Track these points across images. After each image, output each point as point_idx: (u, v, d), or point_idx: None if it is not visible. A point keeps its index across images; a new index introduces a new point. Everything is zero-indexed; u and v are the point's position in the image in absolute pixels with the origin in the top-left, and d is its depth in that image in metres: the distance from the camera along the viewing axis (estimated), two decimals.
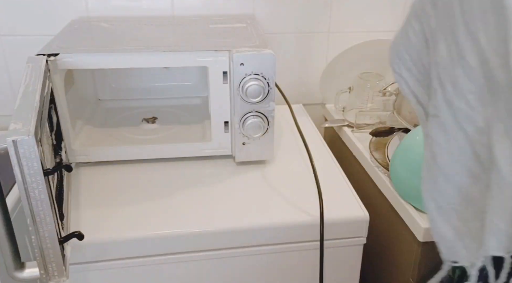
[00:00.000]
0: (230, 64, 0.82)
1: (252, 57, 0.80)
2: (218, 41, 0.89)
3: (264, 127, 0.86)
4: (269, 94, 0.83)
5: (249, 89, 0.81)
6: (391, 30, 1.20)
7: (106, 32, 0.96)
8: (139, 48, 0.82)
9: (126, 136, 0.96)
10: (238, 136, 0.87)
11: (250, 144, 0.88)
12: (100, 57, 0.81)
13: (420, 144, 0.81)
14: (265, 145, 0.89)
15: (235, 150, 0.89)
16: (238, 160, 0.90)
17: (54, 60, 0.80)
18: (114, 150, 0.89)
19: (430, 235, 0.78)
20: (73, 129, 0.91)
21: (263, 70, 0.81)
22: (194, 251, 0.76)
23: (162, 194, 0.83)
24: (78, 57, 0.80)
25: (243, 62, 0.80)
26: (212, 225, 0.75)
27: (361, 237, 0.80)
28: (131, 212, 0.78)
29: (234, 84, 0.82)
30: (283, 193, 0.84)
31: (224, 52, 0.82)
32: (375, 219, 0.97)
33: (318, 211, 0.76)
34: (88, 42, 0.89)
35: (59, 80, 0.81)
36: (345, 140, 1.11)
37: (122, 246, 0.73)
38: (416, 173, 0.80)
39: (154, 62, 0.82)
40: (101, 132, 0.98)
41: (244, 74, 0.81)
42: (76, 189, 0.84)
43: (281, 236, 0.77)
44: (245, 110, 0.85)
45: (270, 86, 0.83)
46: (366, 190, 0.99)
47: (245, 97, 0.83)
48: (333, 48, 1.21)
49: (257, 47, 0.83)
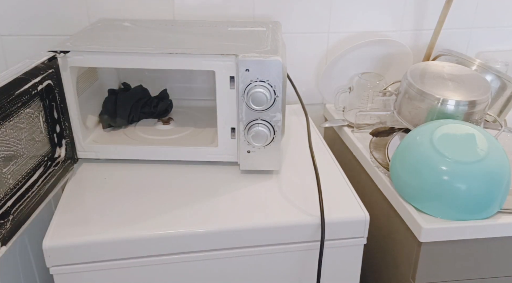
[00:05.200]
0: (237, 69, 0.81)
1: (258, 63, 0.79)
2: (227, 45, 0.87)
3: (269, 137, 0.84)
4: (275, 103, 0.81)
5: (254, 96, 0.80)
6: (391, 30, 1.20)
7: (124, 32, 0.96)
8: (144, 50, 0.82)
9: (139, 136, 0.97)
10: (243, 144, 0.86)
11: (255, 153, 0.86)
12: (107, 57, 0.82)
13: (420, 144, 0.81)
14: (270, 155, 0.87)
15: (240, 157, 0.88)
16: (243, 168, 0.88)
17: (64, 57, 0.81)
18: (122, 149, 0.90)
19: (430, 235, 0.78)
20: (85, 125, 0.92)
21: (270, 78, 0.80)
22: (193, 251, 0.76)
23: (163, 195, 0.83)
24: (87, 56, 0.81)
25: (248, 68, 0.79)
26: (211, 225, 0.75)
27: (361, 237, 0.80)
28: (130, 211, 0.78)
29: (239, 91, 0.81)
30: (283, 193, 0.84)
31: (231, 57, 0.81)
32: (375, 219, 0.97)
33: (318, 211, 0.76)
34: (100, 42, 0.88)
35: (69, 76, 0.83)
36: (345, 140, 1.11)
37: (117, 246, 0.73)
38: (416, 173, 0.80)
39: (159, 64, 0.82)
40: (116, 131, 0.99)
41: (250, 80, 0.80)
42: (81, 185, 0.85)
43: (281, 237, 0.77)
44: (250, 118, 0.83)
45: (277, 95, 0.81)
46: (366, 190, 0.99)
47: (250, 104, 0.81)
48: (333, 48, 1.22)
49: (266, 53, 0.81)
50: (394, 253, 0.91)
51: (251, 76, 0.80)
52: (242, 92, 0.81)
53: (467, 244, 0.81)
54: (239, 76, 0.80)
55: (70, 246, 0.72)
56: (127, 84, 1.07)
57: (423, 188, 0.79)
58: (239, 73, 0.80)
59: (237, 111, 0.84)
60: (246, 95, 0.81)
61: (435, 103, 0.89)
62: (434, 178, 0.77)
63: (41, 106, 0.78)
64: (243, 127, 0.84)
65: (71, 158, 0.88)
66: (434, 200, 0.78)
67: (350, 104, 1.14)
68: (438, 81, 0.93)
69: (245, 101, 0.81)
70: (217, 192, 0.84)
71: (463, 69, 0.99)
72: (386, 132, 1.00)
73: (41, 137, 0.78)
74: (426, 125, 0.85)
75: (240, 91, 0.81)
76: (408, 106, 0.94)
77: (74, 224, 0.75)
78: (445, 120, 0.85)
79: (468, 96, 0.89)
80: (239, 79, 0.80)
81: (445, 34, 1.24)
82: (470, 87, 0.92)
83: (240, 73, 0.80)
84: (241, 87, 0.81)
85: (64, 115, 0.85)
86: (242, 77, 0.80)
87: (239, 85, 0.81)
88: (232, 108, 0.85)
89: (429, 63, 1.00)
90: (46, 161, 0.80)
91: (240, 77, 0.80)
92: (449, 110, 0.88)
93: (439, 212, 0.79)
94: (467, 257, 0.83)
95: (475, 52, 1.29)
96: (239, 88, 0.81)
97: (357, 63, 1.19)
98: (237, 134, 0.87)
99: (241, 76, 0.80)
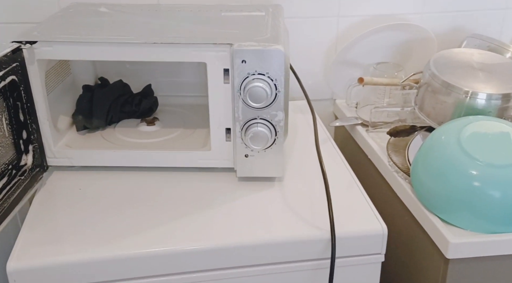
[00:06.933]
0: (231, 60, 0.81)
1: (256, 53, 0.78)
2: (219, 32, 0.87)
3: (269, 139, 0.84)
4: (277, 98, 0.81)
5: (251, 91, 0.79)
6: (412, 12, 1.20)
7: (101, 19, 0.95)
8: (124, 39, 0.81)
9: (120, 139, 0.96)
10: (240, 147, 0.85)
11: (254, 157, 0.86)
12: (80, 48, 0.81)
13: (446, 144, 0.81)
14: (272, 159, 0.86)
15: (236, 162, 0.88)
16: (240, 174, 0.88)
17: (31, 49, 0.81)
18: (99, 154, 0.89)
19: (459, 251, 0.78)
20: (56, 128, 0.92)
21: (270, 70, 0.79)
22: (184, 272, 0.76)
23: (151, 208, 0.83)
24: (58, 47, 0.81)
25: (245, 59, 0.79)
26: (204, 241, 0.75)
27: (379, 254, 0.80)
28: (110, 227, 0.78)
29: (235, 85, 0.81)
30: (287, 203, 0.84)
31: (224, 46, 0.81)
32: (395, 233, 0.97)
33: (328, 224, 0.76)
34: (73, 30, 0.88)
35: (37, 71, 0.82)
36: (358, 141, 1.11)
37: (95, 267, 0.73)
38: (441, 179, 0.80)
39: (142, 56, 0.82)
40: (92, 133, 0.98)
41: (247, 73, 0.80)
42: (52, 197, 0.84)
43: (286, 254, 0.77)
44: (248, 117, 0.83)
45: (278, 89, 0.80)
46: (384, 199, 0.99)
47: (247, 101, 0.81)
48: (344, 35, 1.21)
49: (266, 41, 0.81)
50: (417, 272, 0.90)
51: (248, 68, 0.79)
52: (238, 87, 0.81)
53: (501, 261, 0.81)
54: (234, 68, 0.80)
55: (39, 268, 0.71)
56: (104, 80, 1.07)
57: (449, 196, 0.79)
58: (235, 65, 0.79)
59: (233, 109, 0.84)
60: (243, 90, 0.80)
61: (463, 97, 0.89)
62: (462, 184, 0.77)
63: (3, 106, 0.77)
64: (239, 128, 0.84)
65: (40, 165, 0.88)
66: (463, 210, 0.78)
67: (364, 100, 1.14)
68: (466, 72, 0.93)
69: (241, 98, 0.81)
70: (211, 203, 0.84)
71: (496, 57, 0.99)
72: (406, 132, 1.00)
73: (4, 142, 0.78)
74: (452, 122, 0.85)
75: (235, 86, 0.81)
76: (431, 101, 0.93)
77: (44, 243, 0.75)
78: (475, 117, 0.85)
79: (501, 89, 0.89)
80: (234, 72, 0.80)
81: (474, 16, 1.24)
82: (503, 78, 0.92)
83: (236, 65, 0.79)
84: (236, 82, 0.80)
85: (31, 117, 0.84)
86: (238, 69, 0.80)
87: (235, 79, 0.81)
88: (227, 105, 0.84)
89: (455, 51, 1.00)
90: (11, 170, 0.79)
91: (236, 70, 0.80)
92: (480, 105, 0.88)
93: (469, 224, 0.79)
94: (501, 276, 0.83)
95: (510, 37, 1.28)
96: (235, 83, 0.81)
97: (372, 51, 1.19)
98: (232, 136, 0.86)
99: (237, 68, 0.80)
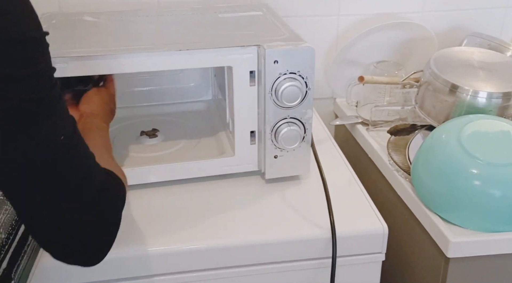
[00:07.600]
0: (258, 62, 0.80)
1: (288, 53, 0.78)
2: (243, 34, 0.85)
3: (300, 136, 0.84)
4: (307, 96, 0.81)
5: (285, 91, 0.78)
6: (412, 11, 1.20)
7: (92, 28, 0.92)
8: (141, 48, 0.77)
9: (123, 154, 0.91)
10: (270, 148, 0.84)
11: (284, 157, 0.85)
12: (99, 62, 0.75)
13: (446, 143, 0.81)
14: (301, 157, 0.86)
15: (264, 164, 0.86)
16: (269, 176, 0.87)
17: None
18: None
19: (459, 249, 0.78)
20: None
21: (301, 68, 0.79)
22: (191, 270, 0.76)
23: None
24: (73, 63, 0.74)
25: (277, 59, 0.78)
26: (205, 241, 0.76)
27: (379, 253, 0.80)
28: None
29: (266, 87, 0.79)
30: (288, 203, 0.84)
31: (252, 48, 0.79)
32: (395, 232, 0.97)
33: (328, 223, 0.76)
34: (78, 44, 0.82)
35: None
36: (358, 140, 1.11)
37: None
38: (442, 178, 0.80)
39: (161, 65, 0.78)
40: None
41: (278, 74, 0.79)
42: None
43: (287, 253, 0.77)
44: (278, 117, 0.82)
45: (309, 87, 0.81)
46: (384, 198, 0.99)
47: (278, 102, 0.80)
48: (344, 34, 1.21)
49: (290, 40, 0.80)
50: (418, 271, 0.91)
51: (280, 68, 0.78)
52: (270, 88, 0.79)
53: (502, 260, 0.81)
54: (265, 69, 0.78)
55: (39, 268, 0.71)
56: None
57: (450, 195, 0.79)
58: (266, 67, 0.78)
59: (258, 111, 0.83)
60: (275, 91, 0.79)
61: (464, 95, 0.89)
62: (463, 183, 0.77)
63: None
64: (270, 129, 0.83)
65: None
66: (463, 209, 0.78)
67: (364, 99, 1.14)
68: (466, 70, 0.93)
69: (272, 99, 0.80)
70: (210, 204, 0.84)
71: (496, 55, 0.99)
72: (406, 131, 1.00)
73: None
74: (453, 121, 0.85)
75: (266, 88, 0.79)
76: (432, 99, 0.93)
77: None
78: (475, 116, 0.85)
79: (502, 87, 0.89)
80: (265, 73, 0.79)
81: (475, 14, 1.24)
82: (504, 76, 0.92)
83: (267, 66, 0.78)
84: (268, 83, 0.79)
85: None
86: (269, 70, 0.78)
87: (266, 81, 0.79)
88: (252, 108, 0.83)
89: (456, 49, 1.00)
90: None
91: (267, 71, 0.78)
92: (480, 103, 0.88)
93: (469, 223, 0.79)
94: (502, 275, 0.83)
95: (511, 36, 1.28)
96: (266, 84, 0.79)
97: (372, 50, 1.19)
98: (258, 138, 0.85)
99: (268, 69, 0.78)
